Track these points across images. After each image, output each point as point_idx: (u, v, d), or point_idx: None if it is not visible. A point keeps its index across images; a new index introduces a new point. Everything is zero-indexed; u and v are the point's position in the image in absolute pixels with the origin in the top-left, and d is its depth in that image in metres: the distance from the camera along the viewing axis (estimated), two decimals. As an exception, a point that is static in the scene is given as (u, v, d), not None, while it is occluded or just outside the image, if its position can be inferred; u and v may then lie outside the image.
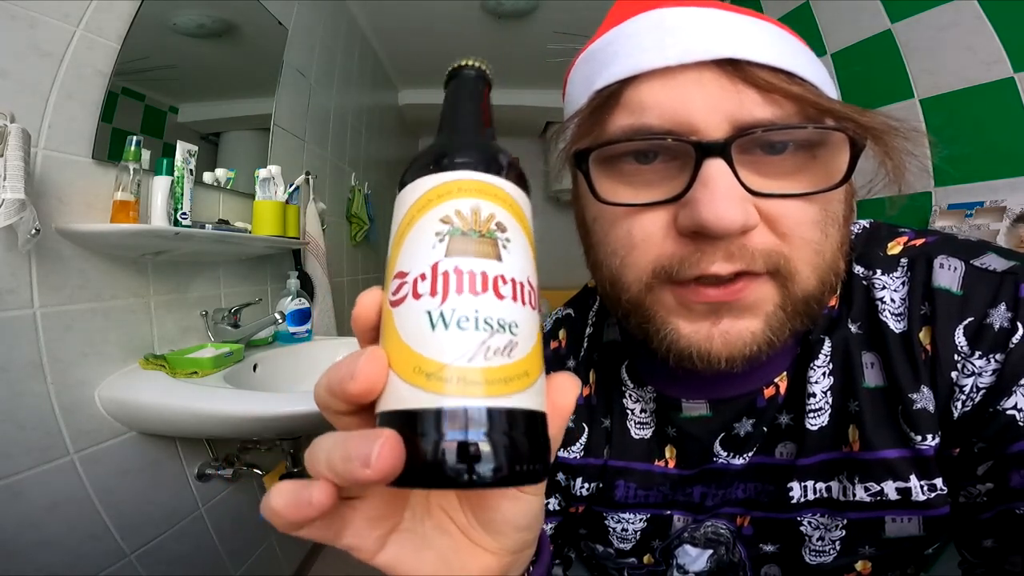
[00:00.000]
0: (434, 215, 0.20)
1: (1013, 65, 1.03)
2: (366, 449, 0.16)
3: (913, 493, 0.35)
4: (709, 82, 0.30)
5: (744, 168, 0.29)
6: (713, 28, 0.30)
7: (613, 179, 0.33)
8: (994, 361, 0.33)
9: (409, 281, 0.19)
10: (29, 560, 0.80)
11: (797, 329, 0.33)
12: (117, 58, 0.93)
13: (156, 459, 1.01)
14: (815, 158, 0.31)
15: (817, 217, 0.31)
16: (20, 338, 0.79)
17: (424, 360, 0.18)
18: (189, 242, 1.00)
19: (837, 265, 0.32)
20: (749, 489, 0.42)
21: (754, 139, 0.29)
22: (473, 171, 0.21)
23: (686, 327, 0.32)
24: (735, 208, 0.28)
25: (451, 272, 0.19)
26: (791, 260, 0.30)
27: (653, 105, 0.31)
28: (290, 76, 1.59)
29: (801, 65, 0.30)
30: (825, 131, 0.30)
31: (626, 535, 0.45)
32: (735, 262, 0.30)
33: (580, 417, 0.47)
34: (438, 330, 0.18)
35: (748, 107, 0.29)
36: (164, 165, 0.97)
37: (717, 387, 0.40)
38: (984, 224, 1.07)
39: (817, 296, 0.32)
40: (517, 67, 2.79)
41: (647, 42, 0.31)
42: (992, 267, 0.35)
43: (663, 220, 0.31)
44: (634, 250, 0.32)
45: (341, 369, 0.19)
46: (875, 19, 1.28)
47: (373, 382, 0.18)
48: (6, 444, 0.77)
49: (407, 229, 0.21)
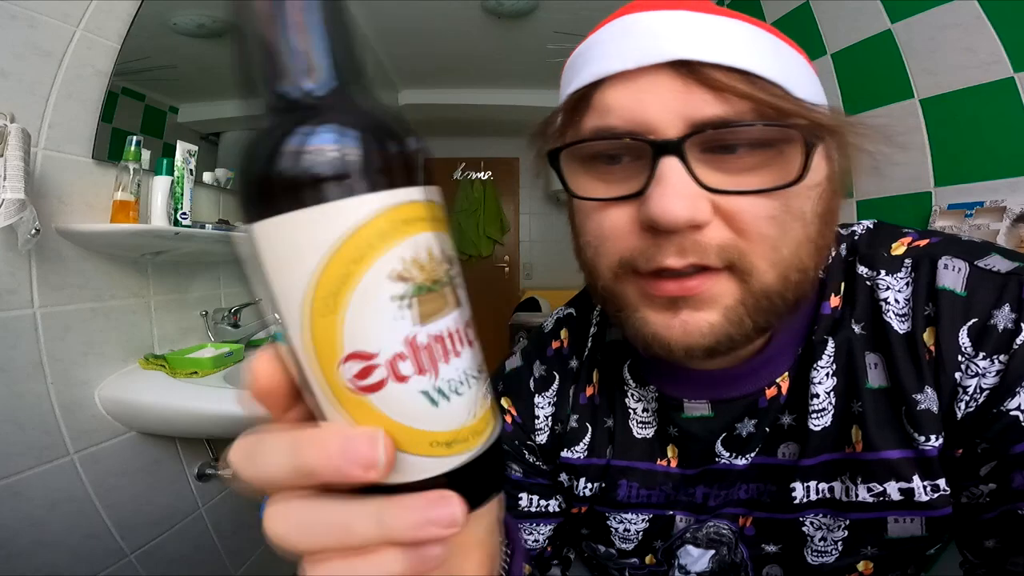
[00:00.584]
0: (382, 270, 0.16)
1: (1013, 65, 1.04)
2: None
3: (916, 494, 0.35)
4: (663, 83, 0.31)
5: (704, 166, 0.31)
6: (671, 31, 0.31)
7: (590, 176, 0.35)
8: (998, 362, 0.33)
9: (383, 364, 0.16)
10: (29, 560, 0.80)
11: (761, 325, 0.33)
12: (117, 58, 0.93)
13: (156, 459, 1.01)
14: (776, 156, 0.31)
15: (774, 213, 0.31)
16: (20, 338, 0.79)
17: (438, 435, 0.18)
18: (189, 242, 1.00)
19: (799, 261, 0.32)
20: (751, 490, 0.42)
21: (708, 137, 0.30)
22: (409, 188, 0.17)
23: (652, 316, 0.34)
24: (682, 204, 0.29)
25: (432, 344, 0.17)
26: (747, 255, 0.31)
27: (615, 107, 0.32)
28: (290, 76, 1.59)
29: (763, 63, 0.31)
30: (780, 128, 0.30)
31: (628, 535, 0.45)
32: (687, 256, 0.31)
33: (584, 417, 0.47)
34: (442, 405, 0.18)
35: (699, 106, 0.30)
36: (164, 165, 0.97)
37: (719, 387, 0.40)
38: (984, 224, 1.07)
39: (778, 291, 0.32)
40: (517, 67, 2.79)
41: (611, 47, 0.33)
42: (996, 268, 0.35)
43: (629, 215, 0.33)
44: (605, 241, 0.34)
45: (339, 456, 0.16)
46: (875, 19, 1.28)
47: (389, 466, 0.17)
48: (6, 444, 0.77)
49: (344, 289, 0.16)
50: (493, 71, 2.91)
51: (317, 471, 0.17)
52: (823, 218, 0.33)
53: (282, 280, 0.16)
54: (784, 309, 0.33)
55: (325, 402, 0.17)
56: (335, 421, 0.18)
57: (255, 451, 0.18)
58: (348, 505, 0.17)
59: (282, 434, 0.18)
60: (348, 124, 0.16)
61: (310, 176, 0.15)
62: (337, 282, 0.16)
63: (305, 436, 0.17)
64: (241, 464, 0.18)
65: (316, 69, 0.17)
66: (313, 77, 0.17)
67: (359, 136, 0.16)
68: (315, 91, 0.17)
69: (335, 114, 0.17)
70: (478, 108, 3.18)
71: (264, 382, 0.18)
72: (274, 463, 0.18)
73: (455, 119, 3.47)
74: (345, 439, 0.17)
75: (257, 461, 0.18)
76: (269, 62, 0.17)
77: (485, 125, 3.51)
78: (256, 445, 0.18)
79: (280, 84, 0.17)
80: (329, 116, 0.17)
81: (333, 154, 0.16)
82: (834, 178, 0.34)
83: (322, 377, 0.17)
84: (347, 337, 0.16)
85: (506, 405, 0.50)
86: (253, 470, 0.18)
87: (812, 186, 0.32)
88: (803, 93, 0.32)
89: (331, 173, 0.16)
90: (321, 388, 0.17)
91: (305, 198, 0.15)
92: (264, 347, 0.19)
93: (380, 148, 0.17)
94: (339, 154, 0.16)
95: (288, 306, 0.16)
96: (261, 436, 0.18)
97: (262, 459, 0.18)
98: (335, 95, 0.17)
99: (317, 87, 0.17)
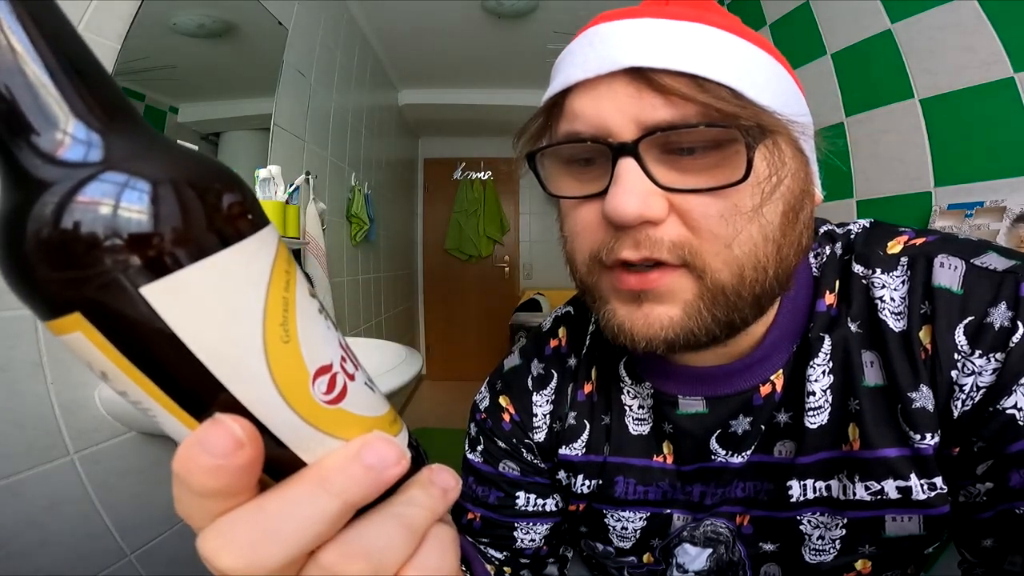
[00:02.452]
0: (302, 290, 0.17)
1: (1013, 65, 1.04)
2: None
3: (913, 492, 0.35)
4: (618, 90, 0.33)
5: (662, 166, 0.32)
6: (626, 40, 0.33)
7: (568, 176, 0.37)
8: (994, 360, 0.33)
9: (338, 370, 0.18)
10: (29, 560, 0.80)
11: (722, 319, 0.34)
12: (117, 58, 0.93)
13: (156, 459, 1.01)
14: (728, 157, 0.32)
15: (725, 212, 0.32)
16: (20, 338, 0.79)
17: (386, 415, 0.20)
18: (189, 242, 1.00)
19: (754, 258, 0.33)
20: (748, 488, 0.42)
21: (662, 139, 0.32)
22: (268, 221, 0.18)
23: (619, 308, 0.36)
24: (633, 200, 0.31)
25: (345, 343, 0.19)
26: (700, 253, 0.32)
27: (580, 113, 0.34)
28: (290, 76, 1.59)
29: (713, 67, 0.32)
30: (718, 129, 0.31)
31: (626, 533, 0.46)
32: (641, 250, 0.32)
33: (581, 414, 0.47)
34: (376, 389, 0.20)
35: (649, 110, 0.32)
36: (164, 165, 0.97)
37: (712, 384, 0.41)
38: (984, 224, 1.07)
39: (734, 288, 0.33)
40: (517, 67, 2.79)
41: (578, 57, 0.35)
42: (993, 266, 0.35)
43: (596, 212, 0.35)
44: (578, 236, 0.37)
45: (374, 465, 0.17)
46: (875, 19, 1.28)
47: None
48: (6, 444, 0.77)
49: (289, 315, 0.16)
50: (493, 71, 2.91)
51: (356, 494, 0.16)
52: (786, 216, 0.34)
53: (219, 332, 0.15)
54: (747, 305, 0.34)
55: (304, 437, 0.16)
56: (319, 450, 0.17)
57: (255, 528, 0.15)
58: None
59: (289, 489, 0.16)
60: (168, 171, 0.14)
61: (226, 216, 0.15)
62: (281, 309, 0.16)
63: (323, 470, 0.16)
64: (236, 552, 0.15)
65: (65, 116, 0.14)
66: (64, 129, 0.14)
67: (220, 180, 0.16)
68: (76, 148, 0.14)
69: (144, 165, 0.14)
70: (478, 108, 3.19)
71: (252, 454, 0.15)
72: (304, 517, 0.15)
73: (455, 119, 3.48)
74: (365, 447, 0.17)
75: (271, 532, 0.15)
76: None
77: (485, 125, 3.51)
78: (253, 519, 0.15)
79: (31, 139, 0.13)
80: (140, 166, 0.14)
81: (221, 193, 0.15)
82: (800, 177, 0.35)
83: (294, 411, 0.16)
84: (307, 358, 0.16)
85: (504, 403, 0.50)
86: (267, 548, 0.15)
87: (762, 185, 0.33)
88: (761, 94, 0.32)
89: (240, 210, 0.16)
90: (294, 425, 0.16)
91: (233, 237, 0.15)
92: (187, 441, 0.15)
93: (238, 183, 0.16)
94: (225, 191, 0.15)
95: (246, 346, 0.15)
96: (247, 511, 0.16)
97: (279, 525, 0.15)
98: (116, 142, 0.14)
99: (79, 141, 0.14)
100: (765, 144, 0.33)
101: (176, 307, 0.14)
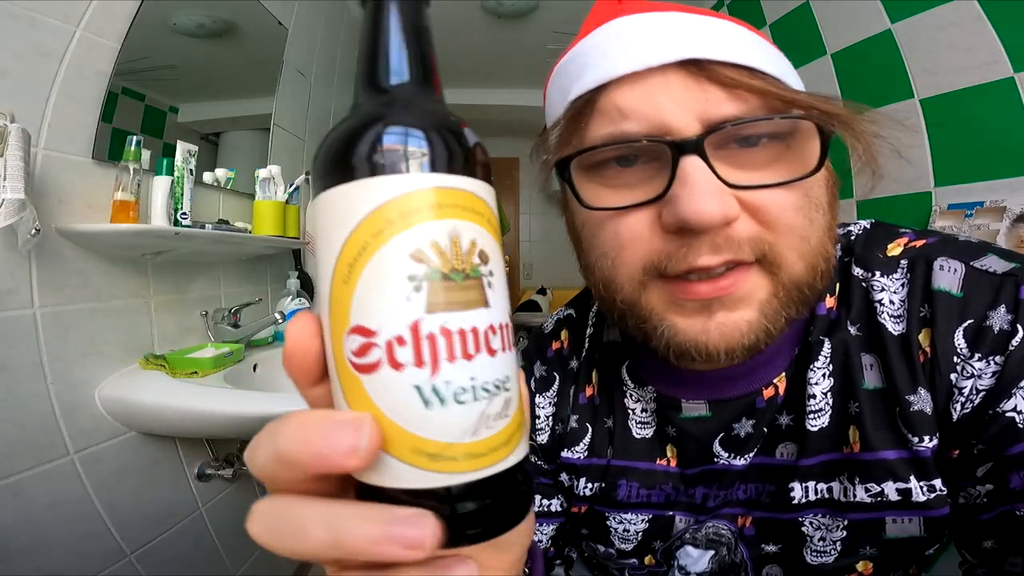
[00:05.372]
0: (401, 247, 0.16)
1: (1013, 65, 1.03)
2: (413, 533, 0.15)
3: (913, 494, 0.35)
4: (675, 83, 0.31)
5: (721, 163, 0.30)
6: (673, 31, 0.31)
7: (596, 183, 0.34)
8: (994, 363, 0.33)
9: (381, 344, 0.16)
10: (29, 560, 0.80)
11: (792, 317, 0.33)
12: (117, 58, 0.93)
13: (156, 459, 1.01)
14: (789, 148, 0.32)
15: (800, 203, 0.31)
16: (20, 338, 0.79)
17: (423, 441, 0.16)
18: (189, 242, 1.00)
19: (824, 250, 0.33)
20: (750, 490, 0.42)
21: (725, 134, 0.30)
22: (445, 174, 0.17)
23: (682, 322, 0.33)
24: (714, 202, 0.29)
25: (438, 335, 0.16)
26: (776, 247, 0.31)
27: (627, 109, 0.32)
28: (290, 76, 1.59)
29: (761, 60, 0.31)
30: (792, 120, 0.31)
31: (627, 535, 0.45)
32: (722, 253, 0.30)
33: (584, 417, 0.47)
34: (434, 408, 0.16)
35: (715, 104, 0.30)
36: (164, 165, 0.97)
37: (716, 387, 0.40)
38: (984, 224, 1.07)
39: (808, 282, 0.32)
40: (517, 67, 2.79)
41: (613, 50, 0.32)
42: (992, 269, 0.35)
43: (648, 218, 0.32)
44: (623, 250, 0.33)
45: (319, 440, 0.16)
46: (875, 19, 1.28)
47: (373, 460, 0.16)
48: (6, 444, 0.77)
49: (360, 260, 0.16)
50: (493, 71, 2.91)
51: (295, 457, 0.16)
52: (831, 205, 0.34)
53: (322, 248, 0.17)
54: (812, 299, 0.34)
55: (333, 375, 0.17)
56: (337, 398, 0.17)
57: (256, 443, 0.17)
58: (307, 505, 0.16)
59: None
60: (398, 114, 0.18)
61: (354, 154, 0.17)
62: (356, 252, 0.16)
63: (288, 420, 0.17)
64: (249, 458, 0.18)
65: (391, 72, 0.19)
66: (387, 77, 0.19)
67: (404, 122, 0.17)
68: (387, 88, 0.19)
69: (390, 107, 0.18)
70: (478, 108, 3.18)
71: (293, 344, 0.18)
72: (259, 452, 0.17)
73: (455, 119, 3.47)
74: (325, 418, 0.16)
75: (252, 451, 0.18)
76: (363, 63, 0.19)
77: (485, 125, 3.50)
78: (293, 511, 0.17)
79: (362, 82, 0.19)
80: (385, 109, 0.18)
81: (377, 135, 0.17)
82: (831, 168, 0.35)
83: (332, 348, 0.17)
84: (354, 309, 0.16)
85: None
86: (250, 463, 0.18)
87: (826, 173, 0.33)
88: (795, 85, 0.33)
89: (371, 152, 0.17)
90: (332, 359, 0.17)
91: (351, 173, 0.17)
92: (302, 312, 0.18)
93: (421, 134, 0.17)
94: (381, 135, 0.17)
95: (323, 273, 0.17)
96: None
97: (253, 446, 0.17)
98: (401, 94, 0.19)
99: (388, 85, 0.19)
100: None
101: (321, 211, 0.18)
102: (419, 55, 0.19)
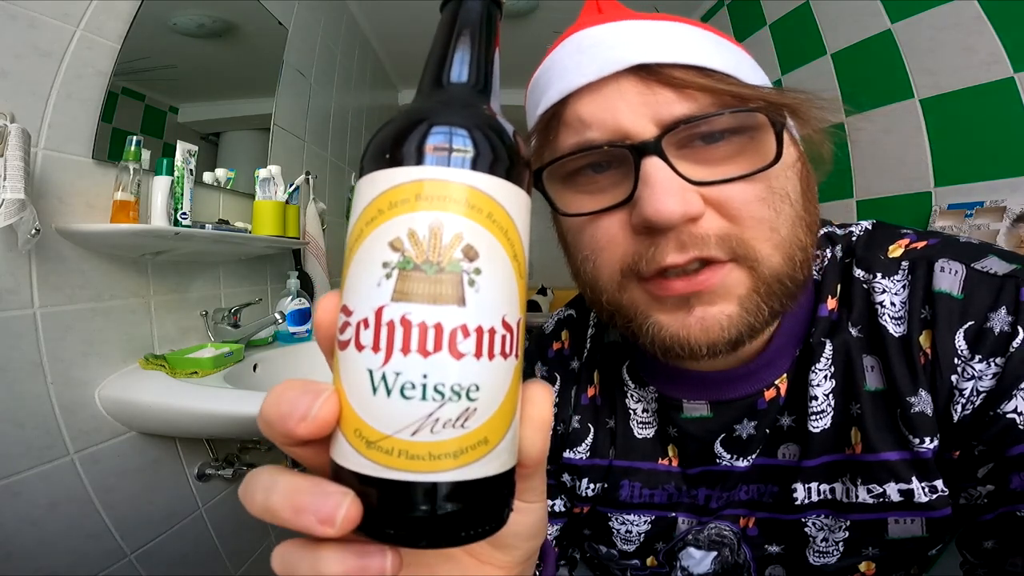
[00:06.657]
0: (382, 235, 0.16)
1: (1013, 65, 1.04)
2: (326, 508, 0.16)
3: (915, 495, 0.35)
4: (628, 89, 0.32)
5: (683, 161, 0.31)
6: (623, 39, 0.32)
7: (573, 191, 0.35)
8: (994, 365, 0.33)
9: (352, 323, 0.16)
10: (29, 560, 0.80)
11: (777, 310, 0.33)
12: (117, 58, 0.93)
13: (156, 459, 1.01)
14: (752, 140, 0.32)
15: (763, 195, 0.32)
16: (20, 338, 0.79)
17: (364, 426, 0.16)
18: (189, 242, 0.99)
19: (798, 239, 0.33)
20: (752, 491, 0.42)
21: (685, 133, 0.31)
22: (441, 167, 0.17)
23: (665, 319, 0.33)
24: (674, 199, 0.30)
25: (397, 323, 0.16)
26: (747, 242, 0.31)
27: (588, 119, 0.33)
28: (290, 76, 1.59)
29: (713, 58, 0.32)
30: (745, 113, 0.31)
31: (630, 537, 0.45)
32: (688, 250, 0.31)
33: (586, 418, 0.47)
34: (379, 395, 0.16)
35: (665, 105, 0.31)
36: (164, 165, 0.97)
37: (718, 388, 0.40)
38: (984, 224, 1.07)
39: (787, 273, 0.33)
40: (517, 67, 2.78)
41: (570, 64, 0.34)
42: (993, 270, 0.35)
43: (620, 221, 0.33)
44: (602, 252, 0.34)
45: (286, 405, 0.17)
46: (875, 19, 1.28)
47: (325, 429, 0.17)
48: (6, 444, 0.77)
49: (356, 245, 0.17)
50: None
51: (266, 416, 0.17)
52: (806, 196, 0.34)
53: (350, 225, 0.18)
54: (795, 290, 0.34)
55: None
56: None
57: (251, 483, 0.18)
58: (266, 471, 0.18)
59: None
60: (434, 113, 0.18)
61: (369, 148, 0.18)
62: (355, 237, 0.17)
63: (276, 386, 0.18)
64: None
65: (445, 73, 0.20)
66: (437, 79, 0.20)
67: (412, 120, 0.18)
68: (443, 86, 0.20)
69: (434, 106, 0.19)
70: (478, 108, 3.18)
71: (320, 317, 0.19)
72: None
73: (455, 119, 3.47)
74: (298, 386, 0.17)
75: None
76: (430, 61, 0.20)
77: (485, 125, 3.50)
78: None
79: (423, 79, 0.20)
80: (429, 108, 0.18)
81: (389, 133, 0.18)
82: (804, 156, 0.35)
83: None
84: (345, 288, 0.17)
85: None
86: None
87: (789, 166, 0.33)
88: (750, 76, 0.33)
89: (381, 147, 0.18)
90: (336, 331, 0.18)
91: (373, 163, 0.18)
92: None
93: (421, 131, 0.17)
94: (390, 133, 0.18)
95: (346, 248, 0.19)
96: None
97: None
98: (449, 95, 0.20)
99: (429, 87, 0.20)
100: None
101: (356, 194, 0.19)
102: (482, 61, 0.20)
